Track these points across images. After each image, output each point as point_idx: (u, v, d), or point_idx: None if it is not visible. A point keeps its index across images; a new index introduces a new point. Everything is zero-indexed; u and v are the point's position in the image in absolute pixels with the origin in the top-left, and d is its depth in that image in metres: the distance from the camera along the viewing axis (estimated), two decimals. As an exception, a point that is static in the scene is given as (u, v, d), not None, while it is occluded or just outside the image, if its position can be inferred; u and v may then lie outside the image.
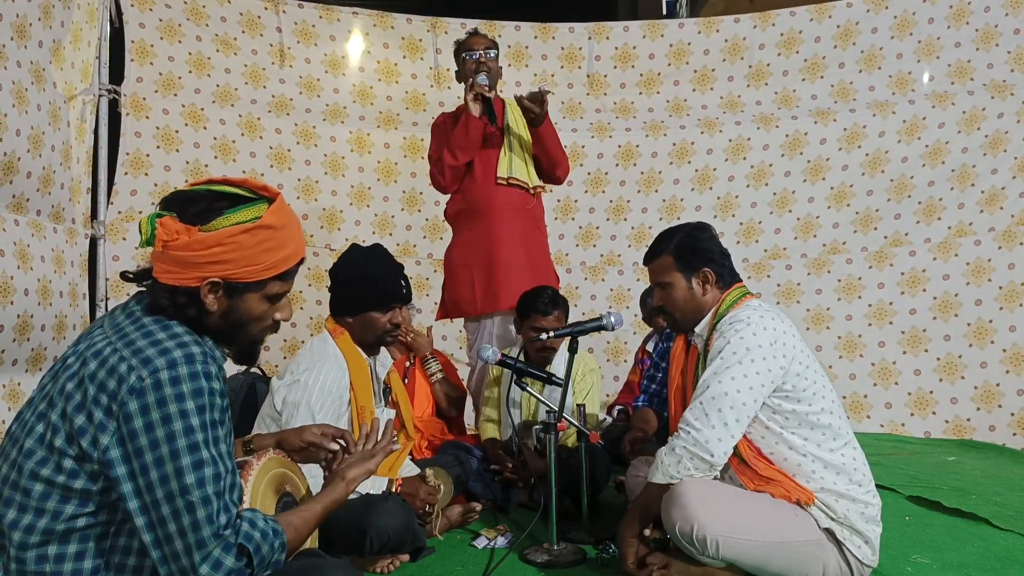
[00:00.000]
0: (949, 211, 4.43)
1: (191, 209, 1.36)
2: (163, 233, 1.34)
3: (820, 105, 4.73)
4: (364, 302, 2.45)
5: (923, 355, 4.38)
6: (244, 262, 1.38)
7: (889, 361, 4.44)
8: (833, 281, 4.59)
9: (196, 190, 1.41)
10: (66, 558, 1.30)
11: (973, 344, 4.28)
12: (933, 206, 4.47)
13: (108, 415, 1.27)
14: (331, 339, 2.46)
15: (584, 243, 4.87)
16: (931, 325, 4.38)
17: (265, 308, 1.46)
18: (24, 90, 3.04)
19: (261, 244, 1.38)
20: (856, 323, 4.53)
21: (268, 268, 1.41)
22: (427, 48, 4.77)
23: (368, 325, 2.45)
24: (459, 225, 3.47)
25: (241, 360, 1.52)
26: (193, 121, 4.36)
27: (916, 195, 4.51)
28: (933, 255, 4.42)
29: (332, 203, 4.69)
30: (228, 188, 1.41)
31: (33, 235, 3.18)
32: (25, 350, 3.10)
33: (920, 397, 4.35)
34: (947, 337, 4.33)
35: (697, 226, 2.26)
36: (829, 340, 4.54)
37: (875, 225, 4.58)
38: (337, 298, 2.52)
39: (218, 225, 1.35)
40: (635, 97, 4.89)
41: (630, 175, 4.86)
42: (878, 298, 4.50)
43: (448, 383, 3.45)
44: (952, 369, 4.31)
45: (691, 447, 1.95)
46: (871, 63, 4.65)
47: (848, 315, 4.54)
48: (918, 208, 4.49)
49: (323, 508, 1.54)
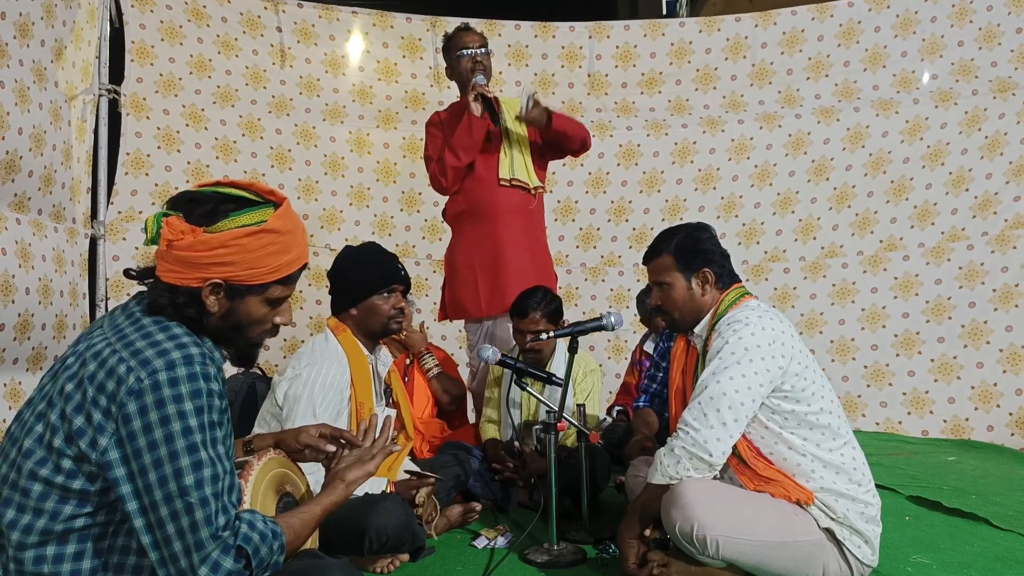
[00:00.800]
0: (943, 216, 4.45)
1: (197, 210, 1.37)
2: (168, 232, 1.35)
3: (824, 104, 4.72)
4: (366, 288, 2.47)
5: (917, 357, 4.40)
6: (247, 265, 1.38)
7: (882, 363, 4.48)
8: (828, 286, 4.62)
9: (203, 191, 1.41)
10: (64, 558, 1.30)
11: (968, 345, 4.30)
12: (928, 210, 4.48)
13: (107, 417, 1.27)
14: (333, 336, 2.48)
15: (585, 244, 4.87)
16: (924, 328, 4.41)
17: (265, 311, 1.46)
18: (26, 89, 3.04)
19: (265, 248, 1.39)
20: (849, 327, 4.56)
21: (271, 272, 1.41)
22: (427, 48, 4.76)
23: (372, 312, 2.48)
24: (461, 226, 3.46)
25: (240, 362, 1.52)
26: (194, 121, 4.37)
27: (913, 198, 4.53)
28: (926, 260, 4.45)
29: (332, 203, 4.69)
30: (235, 191, 1.41)
31: (34, 234, 3.18)
32: (26, 349, 3.10)
33: (916, 397, 4.38)
34: (941, 339, 4.36)
35: (698, 226, 2.27)
36: (822, 344, 4.57)
37: (872, 228, 4.59)
38: (338, 293, 2.54)
39: (223, 227, 1.36)
40: (636, 97, 4.88)
41: (632, 175, 4.86)
42: (871, 302, 4.53)
43: (446, 377, 3.45)
44: (947, 370, 4.33)
45: (690, 447, 1.95)
46: (875, 62, 4.65)
47: (841, 319, 4.58)
48: (913, 212, 4.52)
49: (322, 510, 1.54)
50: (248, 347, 1.49)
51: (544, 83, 4.84)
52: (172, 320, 1.38)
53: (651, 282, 2.27)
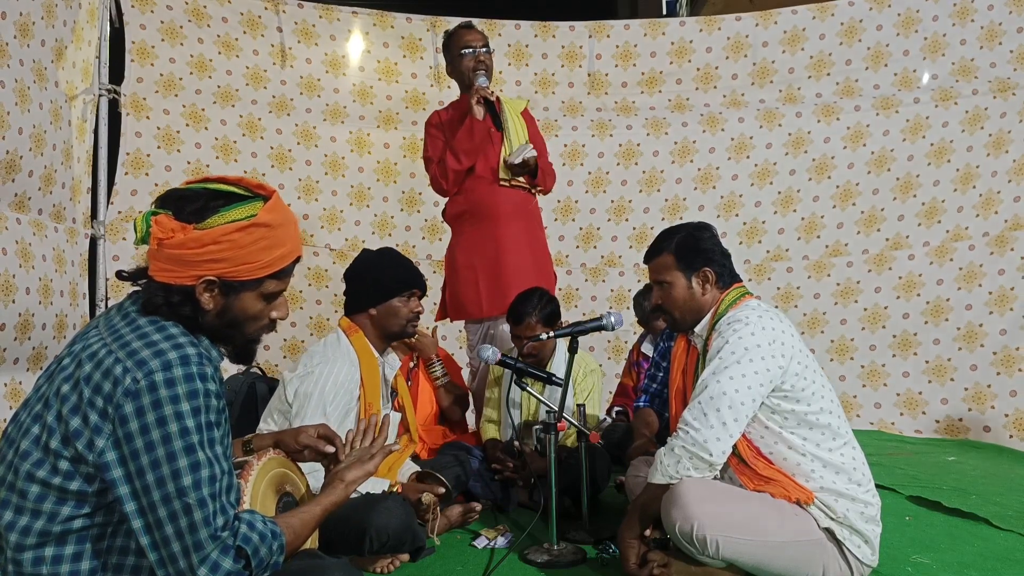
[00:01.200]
0: (949, 214, 4.45)
1: (187, 207, 1.36)
2: (158, 231, 1.34)
3: (825, 102, 4.71)
4: (387, 290, 2.51)
5: (912, 358, 4.44)
6: (240, 260, 1.37)
7: (879, 364, 4.50)
8: (832, 285, 4.62)
9: (192, 188, 1.40)
10: (63, 559, 1.30)
11: (963, 348, 4.33)
12: (936, 208, 4.49)
13: (103, 418, 1.27)
14: (345, 337, 2.49)
15: (585, 244, 4.86)
16: (922, 329, 4.43)
17: (261, 307, 1.45)
18: (26, 88, 3.04)
19: (257, 242, 1.38)
20: (850, 327, 4.57)
21: (264, 266, 1.40)
22: (427, 47, 4.75)
23: (392, 314, 2.52)
24: (461, 226, 3.46)
25: (238, 359, 1.51)
26: (194, 121, 4.36)
27: (921, 195, 4.52)
28: (930, 259, 4.46)
29: (332, 203, 4.69)
30: (224, 186, 1.40)
31: (35, 234, 3.18)
32: (26, 349, 3.11)
33: (909, 398, 4.41)
34: (936, 341, 4.40)
35: (698, 226, 2.27)
36: (822, 343, 4.58)
37: (878, 226, 4.59)
38: (357, 294, 2.56)
39: (214, 223, 1.35)
40: (636, 96, 4.87)
41: (631, 174, 4.85)
42: (874, 302, 4.54)
43: (453, 385, 3.44)
44: (941, 372, 4.37)
45: (690, 447, 1.95)
46: (878, 60, 4.64)
47: (843, 319, 4.58)
48: (921, 209, 4.52)
49: (322, 510, 1.54)
50: (245, 343, 1.48)
51: (544, 83, 4.84)
52: (168, 319, 1.37)
53: (652, 281, 2.27)
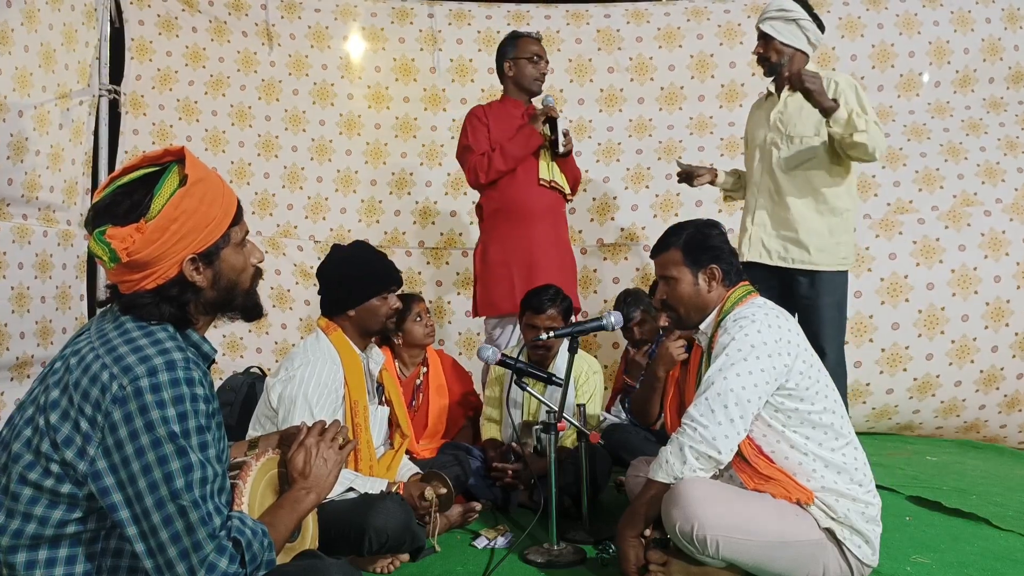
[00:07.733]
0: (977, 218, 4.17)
1: (120, 211, 1.34)
2: (119, 243, 1.31)
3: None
4: (364, 291, 2.48)
5: (938, 337, 4.06)
6: (201, 225, 1.38)
7: (902, 346, 4.11)
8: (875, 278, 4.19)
9: (108, 194, 1.37)
10: (56, 562, 1.30)
11: (989, 327, 4.05)
12: (958, 213, 4.23)
13: (93, 426, 1.27)
14: (324, 336, 2.48)
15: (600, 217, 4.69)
16: (950, 303, 4.09)
17: (242, 258, 1.47)
18: (3, 99, 3.02)
19: (203, 200, 1.38)
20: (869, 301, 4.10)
21: (221, 219, 1.41)
22: (417, 15, 4.56)
23: (371, 314, 2.49)
24: (495, 222, 3.47)
25: (250, 316, 1.53)
26: (187, 114, 4.33)
27: (943, 191, 4.25)
28: (947, 227, 4.12)
29: (317, 190, 4.52)
30: (135, 174, 1.38)
31: (14, 241, 3.15)
32: (9, 359, 3.09)
33: (926, 381, 4.09)
34: (965, 317, 4.07)
35: (707, 222, 2.27)
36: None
37: (900, 229, 4.21)
38: (333, 297, 2.53)
39: (157, 207, 1.33)
40: (686, 82, 4.57)
41: (628, 174, 4.71)
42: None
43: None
44: (964, 352, 4.08)
45: (697, 444, 1.94)
46: (882, 60, 4.62)
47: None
48: (948, 207, 4.20)
49: (298, 517, 1.52)
50: (247, 298, 1.50)
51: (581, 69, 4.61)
52: (159, 321, 1.37)
53: (658, 276, 2.27)
